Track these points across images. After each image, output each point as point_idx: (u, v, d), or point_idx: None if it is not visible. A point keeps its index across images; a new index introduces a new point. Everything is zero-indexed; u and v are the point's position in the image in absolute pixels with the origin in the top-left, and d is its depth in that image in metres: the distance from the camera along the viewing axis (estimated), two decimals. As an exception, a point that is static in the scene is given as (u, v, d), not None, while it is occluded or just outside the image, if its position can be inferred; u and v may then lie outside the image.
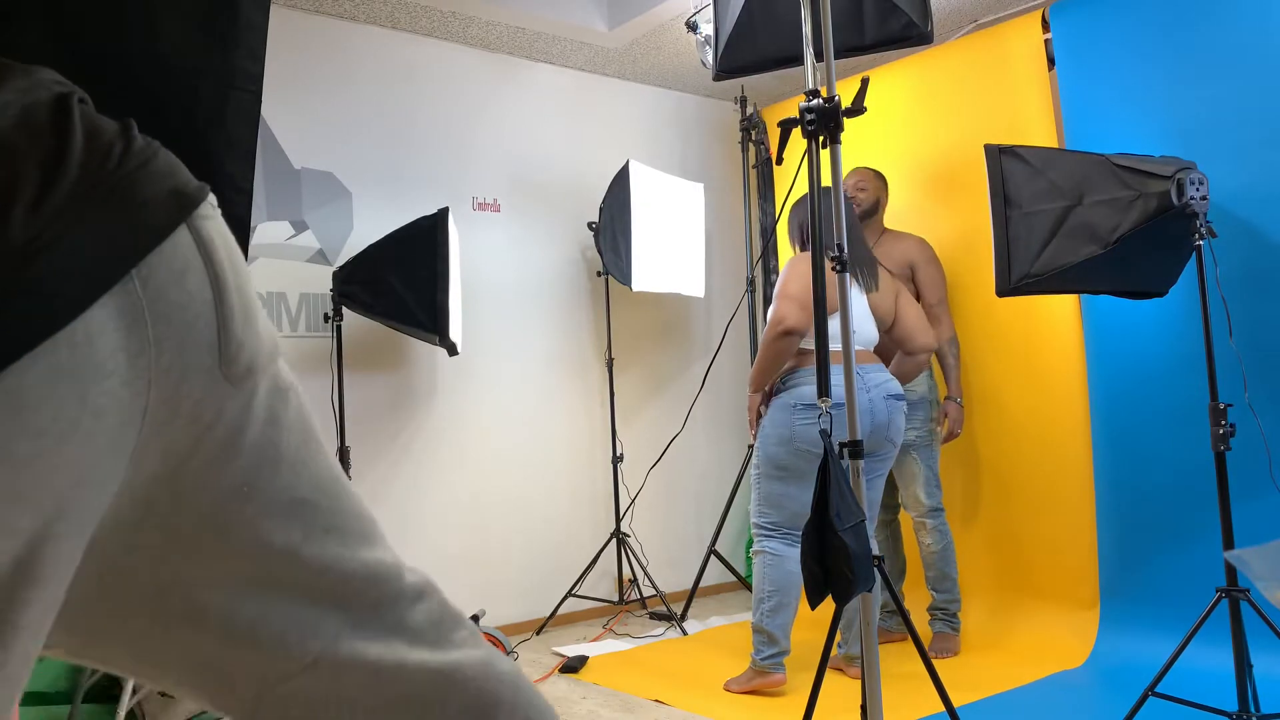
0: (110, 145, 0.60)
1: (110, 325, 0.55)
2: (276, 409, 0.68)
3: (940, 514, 3.54)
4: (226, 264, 0.65)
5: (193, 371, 0.61)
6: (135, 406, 0.58)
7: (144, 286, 0.58)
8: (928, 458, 3.53)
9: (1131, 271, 2.67)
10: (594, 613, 4.48)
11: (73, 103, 0.61)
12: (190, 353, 0.61)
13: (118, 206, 0.58)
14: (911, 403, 3.49)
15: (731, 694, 3.15)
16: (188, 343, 0.61)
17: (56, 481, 0.54)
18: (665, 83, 4.99)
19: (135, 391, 0.57)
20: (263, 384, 0.67)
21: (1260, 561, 2.01)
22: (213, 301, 0.63)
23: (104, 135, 0.61)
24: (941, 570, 3.52)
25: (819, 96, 2.09)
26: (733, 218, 5.17)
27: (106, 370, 0.55)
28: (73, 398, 0.53)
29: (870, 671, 2.06)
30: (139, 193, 0.60)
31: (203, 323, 0.62)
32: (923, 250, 3.61)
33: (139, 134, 0.67)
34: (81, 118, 0.60)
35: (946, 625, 3.53)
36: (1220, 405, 2.42)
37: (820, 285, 2.13)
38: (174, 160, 0.69)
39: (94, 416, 0.55)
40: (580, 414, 4.57)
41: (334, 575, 0.71)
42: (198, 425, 0.63)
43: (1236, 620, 2.36)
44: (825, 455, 1.95)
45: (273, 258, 3.77)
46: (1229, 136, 3.07)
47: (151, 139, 0.67)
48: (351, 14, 3.97)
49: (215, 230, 0.67)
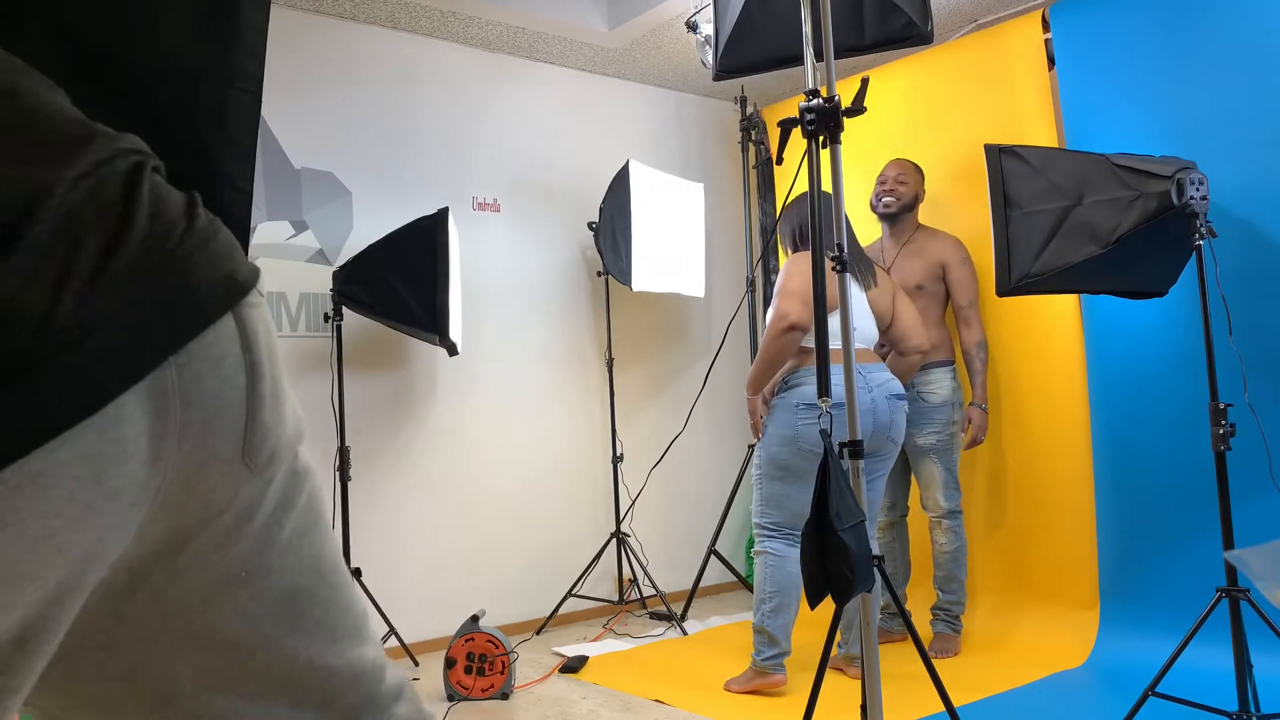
0: (173, 224, 0.61)
1: (139, 409, 0.55)
2: (290, 494, 0.68)
3: (958, 517, 3.52)
4: (265, 353, 0.65)
5: (215, 458, 0.61)
6: (150, 486, 0.57)
7: (179, 372, 0.57)
8: (947, 461, 3.50)
9: (1131, 271, 2.67)
10: (594, 613, 4.48)
11: (144, 175, 0.61)
12: (215, 440, 0.61)
13: (170, 289, 0.58)
14: (934, 405, 3.48)
15: (732, 694, 3.15)
16: (213, 429, 0.60)
17: (62, 560, 0.53)
18: (665, 83, 4.99)
19: (152, 473, 0.57)
20: (281, 471, 0.67)
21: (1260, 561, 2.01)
22: (245, 390, 0.63)
23: (169, 213, 0.61)
24: (950, 571, 3.51)
25: (819, 96, 2.09)
26: (733, 218, 5.17)
27: (128, 453, 0.54)
28: (90, 480, 0.52)
29: (870, 671, 2.06)
30: (193, 276, 0.60)
31: (232, 411, 0.62)
32: (956, 250, 3.56)
33: (203, 210, 0.68)
34: (150, 191, 0.61)
35: (948, 626, 3.52)
36: (1220, 405, 2.42)
37: (820, 284, 2.12)
38: (232, 241, 0.69)
39: (107, 499, 0.54)
40: (580, 414, 4.57)
41: (319, 674, 0.70)
42: (209, 509, 0.62)
43: (1236, 620, 2.36)
44: (825, 455, 1.95)
45: (273, 258, 3.77)
46: (1229, 136, 3.07)
47: (215, 216, 0.68)
48: (351, 14, 3.97)
49: (259, 318, 0.66)
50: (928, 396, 3.50)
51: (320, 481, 0.72)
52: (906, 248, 3.59)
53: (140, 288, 0.56)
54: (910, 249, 3.59)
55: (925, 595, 3.72)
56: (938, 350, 3.53)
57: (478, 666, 3.24)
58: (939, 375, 3.52)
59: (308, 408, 3.79)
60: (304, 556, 0.69)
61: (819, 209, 2.14)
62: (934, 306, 3.56)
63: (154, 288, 0.57)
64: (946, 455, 3.49)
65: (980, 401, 3.48)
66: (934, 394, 3.50)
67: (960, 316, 3.52)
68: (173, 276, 0.59)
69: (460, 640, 3.24)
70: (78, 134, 0.60)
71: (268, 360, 0.65)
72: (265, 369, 0.64)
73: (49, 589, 0.53)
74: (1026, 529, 3.71)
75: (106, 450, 0.53)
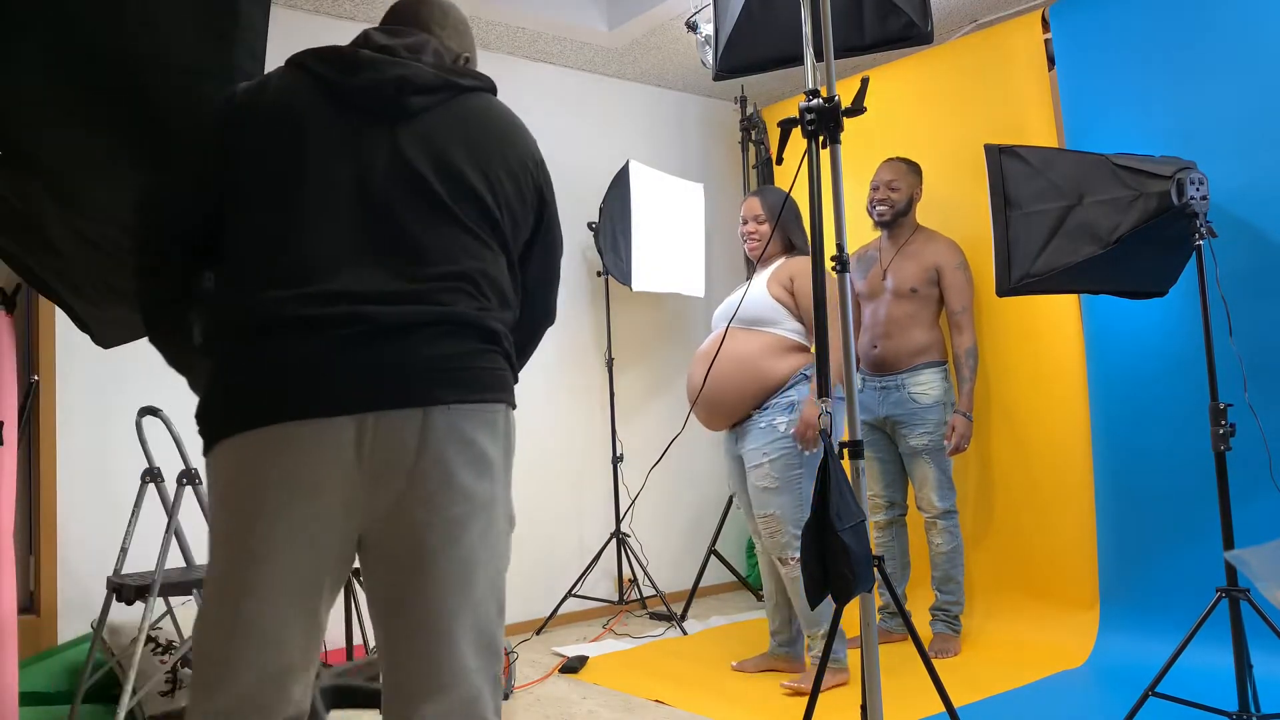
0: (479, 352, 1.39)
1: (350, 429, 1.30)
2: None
3: (953, 516, 3.52)
4: (437, 440, 1.31)
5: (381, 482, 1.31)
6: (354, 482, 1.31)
7: (376, 420, 1.28)
8: (940, 461, 3.50)
9: (1131, 271, 2.67)
10: (594, 613, 4.48)
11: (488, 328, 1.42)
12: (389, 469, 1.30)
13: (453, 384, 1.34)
14: (925, 406, 3.48)
15: (733, 694, 3.15)
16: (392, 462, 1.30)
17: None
18: (665, 83, 4.99)
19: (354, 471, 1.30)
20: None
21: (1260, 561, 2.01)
22: (415, 450, 1.29)
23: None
24: (947, 571, 3.51)
25: (819, 96, 2.09)
26: (733, 218, 5.17)
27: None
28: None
29: (870, 671, 2.06)
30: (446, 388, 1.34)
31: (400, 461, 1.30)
32: (953, 254, 3.53)
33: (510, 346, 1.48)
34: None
35: (947, 626, 3.52)
36: (1220, 405, 2.42)
37: (820, 285, 2.13)
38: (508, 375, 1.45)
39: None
40: (580, 414, 4.57)
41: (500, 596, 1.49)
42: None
43: (1236, 620, 2.36)
44: (825, 455, 1.96)
45: (273, 258, 3.77)
46: (1229, 136, 3.07)
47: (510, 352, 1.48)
48: (351, 14, 3.98)
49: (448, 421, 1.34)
50: (919, 398, 3.50)
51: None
52: (903, 250, 3.59)
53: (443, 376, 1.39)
54: (906, 251, 3.58)
55: (925, 596, 3.72)
56: (929, 351, 3.53)
57: (478, 666, 3.23)
58: (930, 376, 3.51)
59: (308, 408, 3.79)
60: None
61: (819, 209, 2.13)
62: (927, 309, 3.55)
63: (449, 383, 1.40)
64: (939, 456, 3.49)
65: (965, 410, 3.44)
66: (925, 395, 3.49)
67: (953, 322, 3.51)
68: (461, 380, 1.42)
69: (460, 640, 3.24)
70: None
71: (436, 444, 1.35)
72: (431, 449, 1.35)
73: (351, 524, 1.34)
74: (1027, 529, 3.71)
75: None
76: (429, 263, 1.33)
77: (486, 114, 1.47)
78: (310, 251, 1.30)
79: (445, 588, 1.30)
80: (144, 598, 2.65)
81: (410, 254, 1.33)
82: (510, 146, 1.48)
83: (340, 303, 1.27)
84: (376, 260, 1.31)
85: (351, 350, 1.26)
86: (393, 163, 1.36)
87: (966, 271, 3.53)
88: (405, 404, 1.27)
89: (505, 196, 1.45)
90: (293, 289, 1.28)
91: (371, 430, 1.26)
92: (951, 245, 3.57)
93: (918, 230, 3.63)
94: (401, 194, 1.35)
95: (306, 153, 1.35)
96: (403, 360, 1.28)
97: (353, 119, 1.38)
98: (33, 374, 3.21)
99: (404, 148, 1.37)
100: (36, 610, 3.25)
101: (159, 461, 2.94)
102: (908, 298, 3.53)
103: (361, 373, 1.26)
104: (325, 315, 1.27)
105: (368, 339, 1.27)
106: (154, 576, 2.70)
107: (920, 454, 3.50)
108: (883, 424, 3.58)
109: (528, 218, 1.51)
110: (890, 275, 3.58)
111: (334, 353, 1.26)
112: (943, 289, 3.54)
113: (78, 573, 3.29)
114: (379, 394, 1.26)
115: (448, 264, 1.35)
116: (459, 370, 1.32)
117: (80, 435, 3.33)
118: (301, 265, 1.30)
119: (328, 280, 1.29)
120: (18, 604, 2.66)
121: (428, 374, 1.29)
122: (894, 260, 3.59)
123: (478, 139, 1.43)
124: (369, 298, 1.28)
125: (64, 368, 3.31)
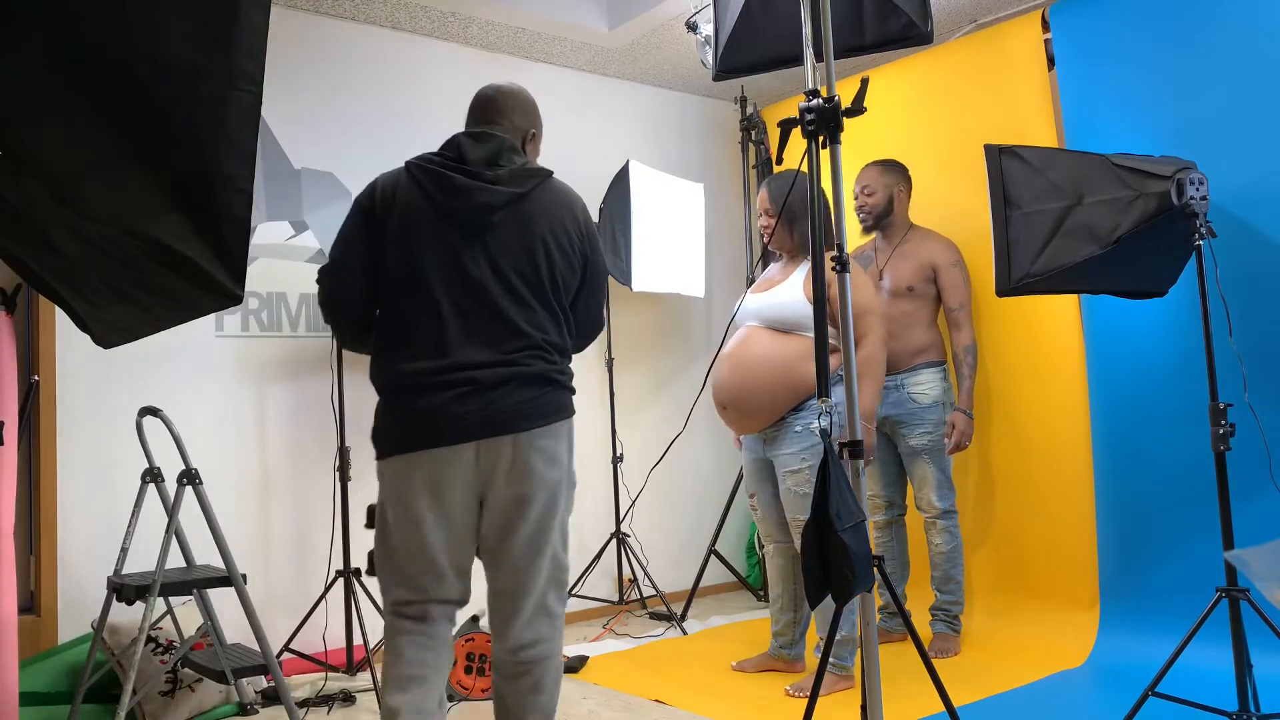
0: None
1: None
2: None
3: (952, 516, 3.51)
4: (523, 452, 2.08)
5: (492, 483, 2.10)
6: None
7: (486, 444, 2.06)
8: (940, 461, 3.49)
9: (1131, 271, 2.67)
10: (594, 613, 4.48)
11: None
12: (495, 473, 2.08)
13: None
14: (924, 406, 3.48)
15: (733, 694, 3.15)
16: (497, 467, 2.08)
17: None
18: (665, 83, 4.99)
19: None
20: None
21: (1260, 561, 2.01)
22: (510, 459, 2.07)
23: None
24: (947, 571, 3.50)
25: (819, 96, 2.09)
26: (733, 218, 5.17)
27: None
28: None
29: (870, 672, 2.06)
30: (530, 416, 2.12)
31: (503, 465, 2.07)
32: (948, 252, 3.54)
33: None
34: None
35: (947, 626, 3.52)
36: (1220, 405, 2.42)
37: (820, 285, 2.13)
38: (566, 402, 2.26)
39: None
40: (580, 414, 4.55)
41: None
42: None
43: (1236, 620, 2.36)
44: (825, 454, 1.96)
45: (273, 258, 3.77)
46: (1229, 136, 3.07)
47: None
48: (351, 14, 3.98)
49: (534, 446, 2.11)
50: (918, 397, 3.49)
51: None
52: (898, 250, 3.58)
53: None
54: (902, 251, 3.58)
55: (925, 595, 3.72)
56: (928, 351, 3.53)
57: (478, 666, 3.24)
58: (929, 376, 3.50)
59: (307, 408, 3.79)
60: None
61: (819, 208, 2.13)
62: (925, 308, 3.55)
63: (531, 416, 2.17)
64: (938, 456, 3.49)
65: (965, 407, 3.43)
66: (924, 395, 3.49)
67: (951, 319, 3.51)
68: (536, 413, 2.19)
69: (460, 640, 3.24)
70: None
71: (529, 460, 2.13)
72: (522, 466, 2.13)
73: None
74: (1027, 529, 3.71)
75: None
76: (512, 338, 2.10)
77: (544, 208, 2.17)
78: (436, 335, 2.08)
79: (527, 530, 2.12)
80: (144, 598, 2.65)
81: (500, 334, 2.09)
82: (561, 231, 2.18)
83: (458, 371, 2.06)
84: (479, 340, 2.08)
85: (468, 401, 2.06)
86: (486, 266, 2.10)
87: (963, 269, 3.53)
88: (503, 433, 2.06)
89: (560, 271, 2.17)
90: (427, 362, 2.07)
91: (484, 450, 2.06)
92: (947, 243, 3.57)
93: (912, 229, 3.63)
94: (492, 288, 2.09)
95: (426, 254, 2.09)
96: (499, 407, 2.07)
97: (453, 230, 2.11)
98: (33, 374, 3.21)
99: (491, 253, 2.10)
100: (36, 610, 3.25)
101: (159, 461, 2.94)
102: (905, 297, 3.53)
103: (475, 416, 2.05)
104: (450, 379, 2.06)
105: (478, 394, 2.06)
106: (154, 576, 2.70)
107: (920, 454, 3.50)
108: (882, 424, 3.57)
109: (576, 276, 2.24)
110: (887, 275, 3.57)
111: (457, 404, 2.05)
112: (940, 287, 3.53)
113: (78, 573, 3.29)
114: (486, 428, 2.05)
115: (523, 339, 2.11)
116: (533, 408, 2.11)
117: (80, 435, 3.33)
118: (430, 345, 2.08)
119: (448, 356, 2.07)
120: (18, 604, 2.66)
121: (514, 413, 2.08)
122: (890, 260, 3.59)
123: (539, 234, 2.14)
124: (476, 365, 2.07)
125: (64, 368, 3.31)
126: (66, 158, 1.49)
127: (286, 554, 3.72)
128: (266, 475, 3.70)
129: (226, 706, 3.10)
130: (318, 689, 3.28)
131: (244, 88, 1.55)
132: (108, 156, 1.50)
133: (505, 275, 2.09)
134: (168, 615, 3.06)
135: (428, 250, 2.09)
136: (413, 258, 2.09)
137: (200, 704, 3.04)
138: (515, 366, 2.09)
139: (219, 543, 2.79)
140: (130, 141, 1.48)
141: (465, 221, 2.10)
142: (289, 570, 3.71)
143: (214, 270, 1.56)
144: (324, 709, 3.16)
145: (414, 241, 2.09)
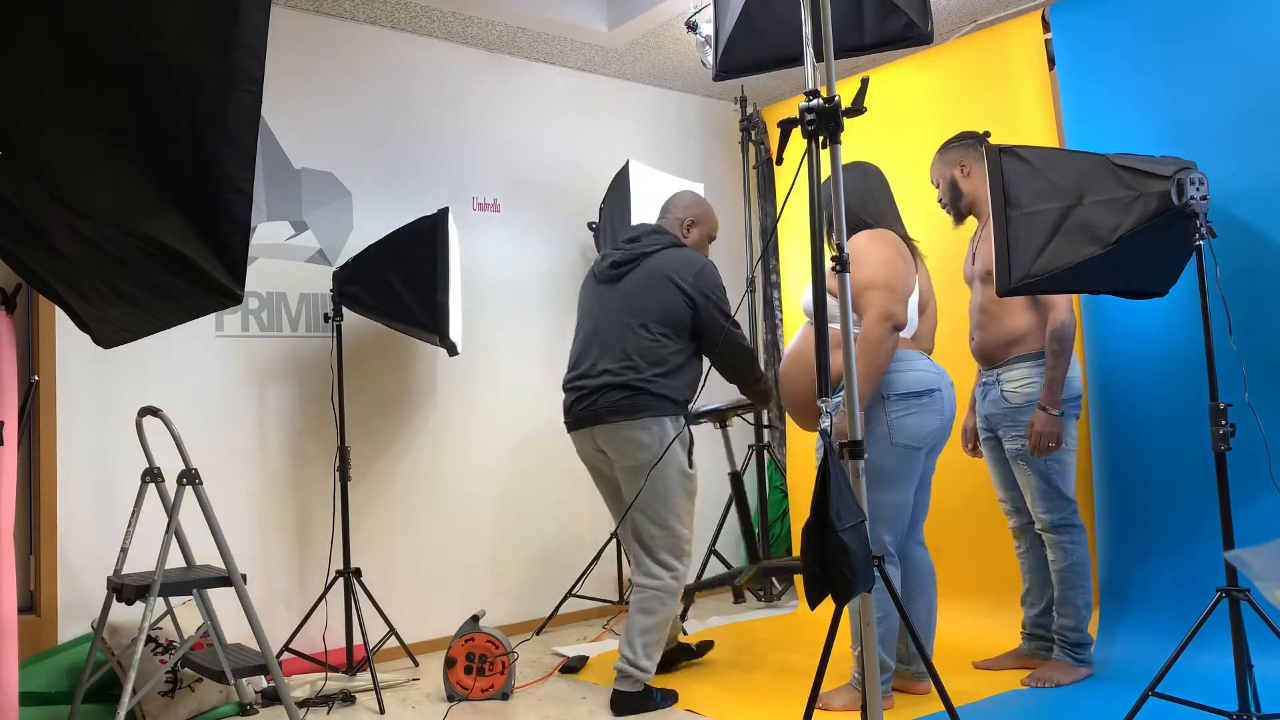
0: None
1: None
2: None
3: (1067, 531, 3.09)
4: (619, 438, 3.12)
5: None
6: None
7: (597, 430, 3.20)
8: (1038, 466, 3.07)
9: (1131, 271, 2.67)
10: (594, 613, 4.48)
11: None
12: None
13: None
14: (1016, 406, 3.10)
15: (733, 694, 3.15)
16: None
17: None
18: (665, 83, 4.99)
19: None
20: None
21: (1260, 561, 2.00)
22: (612, 441, 3.16)
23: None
24: (1063, 592, 3.10)
25: (819, 96, 2.09)
26: (733, 218, 5.17)
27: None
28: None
29: (870, 672, 2.06)
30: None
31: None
32: None
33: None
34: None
35: (1068, 655, 3.08)
36: (1220, 405, 2.42)
37: (820, 283, 2.12)
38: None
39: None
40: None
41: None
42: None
43: (1236, 620, 2.36)
44: (826, 454, 1.95)
45: (273, 258, 3.77)
46: (1229, 136, 3.07)
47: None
48: (351, 14, 3.98)
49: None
50: (1010, 396, 3.12)
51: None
52: (984, 231, 3.28)
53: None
54: (986, 233, 3.23)
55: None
56: (1024, 341, 3.11)
57: (478, 667, 3.24)
58: (1023, 371, 3.10)
59: (307, 408, 3.79)
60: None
61: (819, 208, 2.13)
62: None
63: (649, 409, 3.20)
64: (1037, 461, 3.07)
65: (1045, 402, 2.99)
66: (1016, 393, 3.10)
67: (1042, 299, 3.08)
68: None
69: (460, 640, 3.24)
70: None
71: (663, 440, 3.16)
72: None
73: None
74: (1026, 529, 3.70)
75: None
76: (617, 355, 3.11)
77: (659, 268, 3.15)
78: (580, 356, 3.24)
79: (635, 491, 3.13)
80: (144, 598, 2.65)
81: (610, 352, 3.13)
82: (668, 285, 3.11)
83: (580, 379, 3.19)
84: (596, 357, 3.16)
85: (586, 400, 3.15)
86: (612, 307, 3.18)
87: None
88: (604, 423, 3.10)
89: (665, 312, 3.10)
90: (572, 373, 3.25)
91: (597, 434, 3.14)
92: None
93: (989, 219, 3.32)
94: (612, 321, 3.16)
95: (585, 304, 3.33)
96: (601, 404, 3.10)
97: (599, 285, 3.27)
98: (33, 374, 3.21)
99: (618, 298, 3.18)
100: (36, 610, 3.25)
101: (159, 461, 2.94)
102: (990, 281, 3.16)
103: (588, 410, 3.13)
104: (577, 385, 3.19)
105: (591, 396, 3.13)
106: (154, 576, 2.70)
107: (1017, 460, 3.14)
108: (989, 423, 3.26)
109: (686, 315, 3.11)
110: (977, 260, 3.28)
111: (579, 402, 3.17)
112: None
113: (78, 573, 3.29)
114: (593, 419, 3.12)
115: (625, 357, 3.10)
116: (619, 406, 3.07)
117: (80, 435, 3.33)
118: (576, 362, 3.25)
119: (579, 369, 3.22)
120: (18, 604, 2.66)
121: (609, 409, 3.08)
122: (978, 244, 3.31)
123: (651, 286, 3.13)
124: (590, 375, 3.16)
125: (64, 368, 3.31)
126: (67, 158, 1.49)
127: (286, 554, 3.72)
128: (266, 475, 3.70)
129: (226, 706, 3.10)
130: (318, 689, 3.28)
131: (244, 87, 1.55)
132: (108, 156, 1.50)
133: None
134: (168, 615, 3.06)
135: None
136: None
137: (200, 704, 3.04)
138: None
139: (219, 543, 2.79)
140: (130, 141, 1.48)
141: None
142: (289, 570, 3.71)
143: (214, 270, 1.56)
144: (324, 709, 3.16)
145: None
